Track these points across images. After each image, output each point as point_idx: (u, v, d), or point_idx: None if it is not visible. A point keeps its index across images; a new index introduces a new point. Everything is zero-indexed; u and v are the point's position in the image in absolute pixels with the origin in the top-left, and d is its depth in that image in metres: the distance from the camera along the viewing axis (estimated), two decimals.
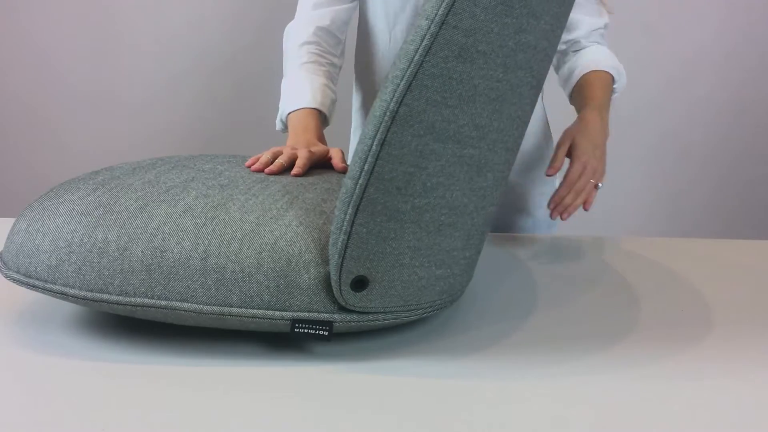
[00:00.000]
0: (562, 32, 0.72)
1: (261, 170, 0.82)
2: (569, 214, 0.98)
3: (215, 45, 1.94)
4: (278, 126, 1.11)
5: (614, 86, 1.12)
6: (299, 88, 1.06)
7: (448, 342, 0.72)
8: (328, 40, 1.12)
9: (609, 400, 0.62)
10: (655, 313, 0.83)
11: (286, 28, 1.14)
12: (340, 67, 1.16)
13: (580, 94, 1.10)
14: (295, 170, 0.83)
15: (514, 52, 0.62)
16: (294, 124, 1.02)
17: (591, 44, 1.13)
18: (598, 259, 1.03)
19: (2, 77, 1.97)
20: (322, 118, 1.05)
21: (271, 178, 0.79)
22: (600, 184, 1.00)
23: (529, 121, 0.75)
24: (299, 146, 0.90)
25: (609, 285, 0.92)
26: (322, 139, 1.01)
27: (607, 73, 1.10)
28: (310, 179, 0.81)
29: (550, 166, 0.99)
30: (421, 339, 0.73)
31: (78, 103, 1.98)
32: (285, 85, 1.09)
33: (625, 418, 0.59)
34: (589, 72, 1.11)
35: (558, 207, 0.97)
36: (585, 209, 0.98)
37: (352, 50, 1.23)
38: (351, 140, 1.31)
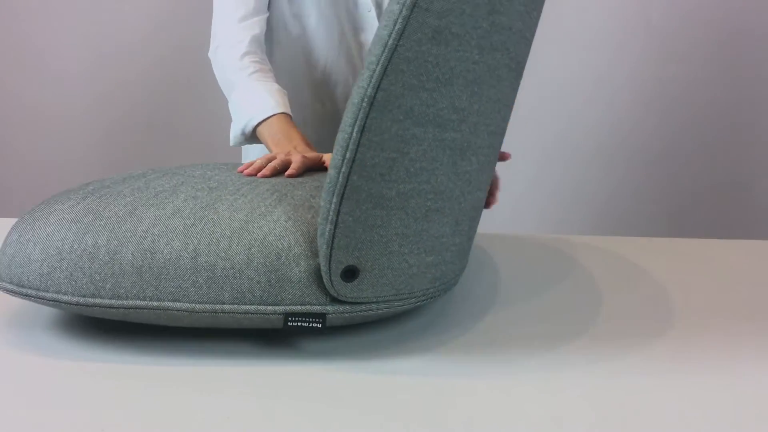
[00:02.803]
0: (539, 15, 0.73)
1: (253, 175, 0.82)
2: None
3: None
4: (235, 141, 1.08)
5: None
6: (259, 98, 1.04)
7: (443, 339, 0.72)
8: (261, 46, 1.12)
9: (607, 399, 0.61)
10: (653, 313, 0.82)
11: (212, 51, 1.13)
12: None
13: None
14: (289, 171, 0.83)
15: (488, 33, 0.62)
16: (272, 133, 1.01)
17: None
18: (596, 259, 1.02)
19: (1, 79, 1.98)
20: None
21: (260, 179, 0.79)
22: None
23: (512, 105, 0.75)
24: (293, 152, 0.90)
25: (607, 285, 0.91)
26: (308, 141, 1.00)
27: None
28: (300, 179, 0.81)
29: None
30: (416, 335, 0.72)
31: (78, 105, 1.99)
32: (239, 98, 1.06)
33: (625, 418, 0.58)
34: None
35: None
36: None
37: None
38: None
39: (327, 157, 0.92)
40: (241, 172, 0.83)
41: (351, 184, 0.60)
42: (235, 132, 1.07)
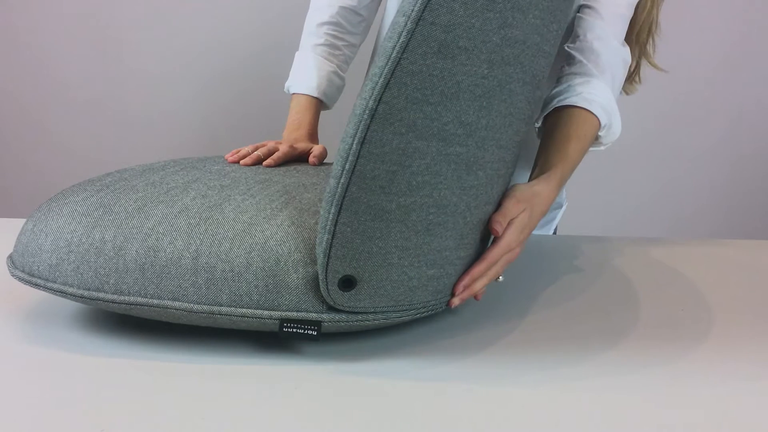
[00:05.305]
0: (560, 27, 0.70)
1: (237, 162, 0.87)
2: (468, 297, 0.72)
3: (217, 48, 1.95)
4: (286, 90, 1.14)
5: (599, 134, 0.88)
6: (307, 72, 1.08)
7: (445, 343, 0.71)
8: (350, 19, 1.11)
9: (609, 402, 0.60)
10: (655, 313, 0.80)
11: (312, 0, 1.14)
12: (360, 43, 1.16)
13: (550, 142, 0.84)
14: (267, 161, 0.87)
15: (499, 48, 0.60)
16: (292, 116, 1.06)
17: (599, 77, 0.88)
18: (598, 259, 1.00)
19: (1, 79, 2.02)
20: (323, 106, 1.09)
21: (275, 178, 0.79)
22: (500, 278, 0.75)
23: (530, 118, 0.73)
24: (285, 142, 0.95)
25: (609, 285, 0.90)
26: (314, 134, 1.04)
27: (595, 117, 0.85)
28: (313, 180, 0.81)
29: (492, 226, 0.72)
30: (417, 340, 0.72)
31: (78, 106, 2.00)
32: (297, 61, 1.12)
33: (626, 420, 0.57)
34: (575, 108, 0.84)
35: (468, 289, 0.71)
36: (476, 299, 0.74)
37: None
38: None
39: (315, 148, 0.95)
40: (238, 161, 0.88)
41: (350, 195, 0.60)
42: (287, 84, 1.12)
